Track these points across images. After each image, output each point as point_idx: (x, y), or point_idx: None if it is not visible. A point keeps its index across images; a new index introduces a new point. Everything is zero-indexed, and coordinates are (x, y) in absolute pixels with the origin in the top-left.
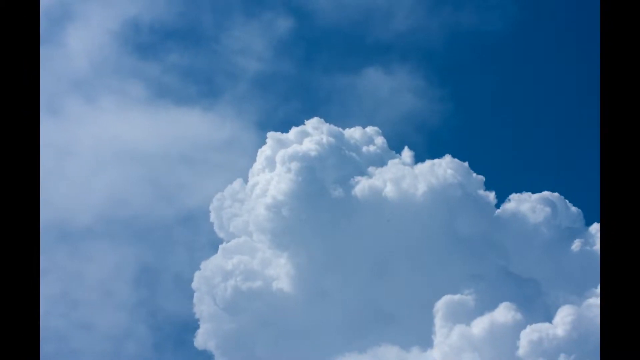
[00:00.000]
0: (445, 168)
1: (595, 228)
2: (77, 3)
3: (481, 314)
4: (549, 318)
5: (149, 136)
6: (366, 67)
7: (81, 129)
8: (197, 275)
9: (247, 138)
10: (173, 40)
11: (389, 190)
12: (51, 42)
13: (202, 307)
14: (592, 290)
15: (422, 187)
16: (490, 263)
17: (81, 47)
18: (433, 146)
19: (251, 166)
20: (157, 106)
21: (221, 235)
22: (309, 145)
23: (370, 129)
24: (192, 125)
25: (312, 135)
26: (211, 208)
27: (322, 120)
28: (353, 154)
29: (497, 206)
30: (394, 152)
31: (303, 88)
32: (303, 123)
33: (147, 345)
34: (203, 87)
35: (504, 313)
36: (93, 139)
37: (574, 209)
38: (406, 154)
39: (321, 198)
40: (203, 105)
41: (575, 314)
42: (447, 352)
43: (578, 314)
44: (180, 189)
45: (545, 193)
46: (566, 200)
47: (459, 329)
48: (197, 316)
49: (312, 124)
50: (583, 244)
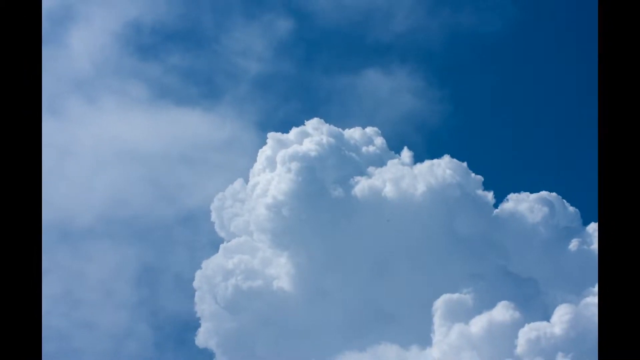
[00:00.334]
0: (444, 168)
1: (592, 227)
2: (79, 4)
3: (480, 313)
4: (547, 317)
5: (150, 136)
6: (366, 68)
7: (83, 129)
8: (198, 274)
9: (248, 138)
10: (174, 41)
11: (389, 190)
12: (53, 43)
13: (203, 306)
14: (590, 289)
15: (421, 187)
16: (488, 262)
17: (83, 48)
18: (432, 146)
19: (252, 166)
20: (158, 107)
21: (222, 234)
22: (309, 145)
23: (369, 130)
24: (193, 125)
25: (312, 135)
26: (212, 208)
27: (322, 120)
28: (353, 154)
29: (496, 206)
30: (394, 153)
31: (303, 89)
32: (303, 123)
33: (149, 344)
34: (204, 88)
35: (502, 312)
36: (94, 139)
37: (572, 209)
38: (405, 154)
39: (321, 198)
40: (204, 105)
41: (572, 313)
42: (446, 351)
43: (575, 313)
44: (181, 189)
45: (543, 193)
46: (564, 200)
47: (458, 328)
48: (198, 315)
49: (312, 125)
50: (580, 244)
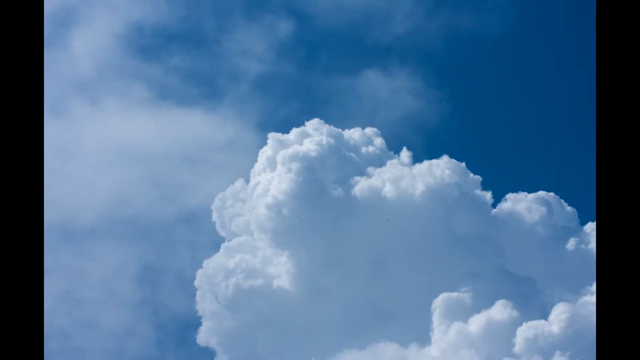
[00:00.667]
0: (442, 168)
1: (589, 227)
2: (82, 6)
3: (478, 312)
4: (545, 315)
5: (152, 137)
6: (365, 69)
7: (85, 130)
8: (200, 273)
9: (249, 139)
10: (176, 42)
11: (388, 190)
12: (56, 45)
13: (205, 305)
14: (587, 288)
15: (420, 187)
16: (487, 261)
17: (85, 50)
18: (431, 147)
19: (252, 166)
20: (160, 107)
21: (223, 234)
22: (309, 145)
23: (369, 130)
24: (194, 126)
25: (312, 136)
26: (213, 207)
27: (322, 121)
28: (352, 155)
29: (494, 206)
30: (393, 153)
31: (303, 89)
32: (303, 124)
33: (150, 342)
34: (205, 89)
35: (501, 310)
36: (97, 140)
37: (569, 209)
38: (405, 155)
39: (321, 198)
40: (205, 106)
41: (570, 312)
42: (445, 349)
43: (573, 312)
44: (182, 189)
45: (540, 193)
46: (561, 200)
47: (457, 326)
48: (200, 314)
49: (312, 125)
50: (578, 243)
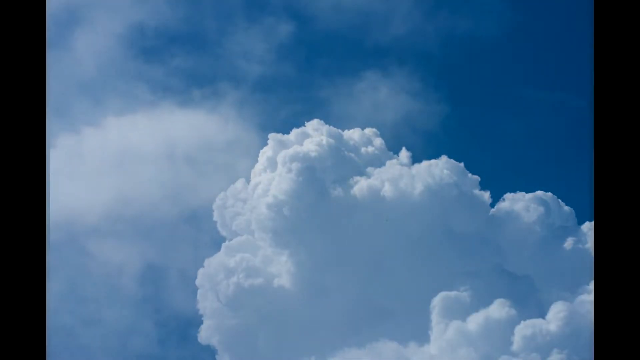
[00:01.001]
0: (441, 168)
1: (587, 226)
2: (84, 8)
3: (476, 310)
4: (542, 314)
5: (154, 137)
6: (365, 70)
7: (87, 130)
8: (201, 272)
9: (249, 139)
10: (177, 44)
11: (387, 189)
12: (59, 46)
13: (206, 304)
14: (584, 287)
15: (419, 187)
16: (485, 260)
17: (88, 51)
18: (430, 147)
19: (253, 166)
20: (162, 108)
21: (224, 233)
22: (309, 146)
23: (368, 131)
24: (196, 126)
25: (312, 136)
26: (214, 207)
27: (322, 121)
28: (352, 155)
29: (492, 205)
30: (392, 153)
31: (303, 90)
32: (303, 124)
33: (152, 340)
34: (206, 90)
35: (499, 309)
36: (99, 140)
37: (567, 208)
38: (404, 155)
39: (321, 197)
40: (206, 107)
41: (567, 310)
42: (444, 347)
43: (570, 310)
44: (184, 189)
45: (538, 193)
46: (559, 199)
47: (455, 325)
48: (201, 312)
49: (313, 126)
50: (575, 242)
